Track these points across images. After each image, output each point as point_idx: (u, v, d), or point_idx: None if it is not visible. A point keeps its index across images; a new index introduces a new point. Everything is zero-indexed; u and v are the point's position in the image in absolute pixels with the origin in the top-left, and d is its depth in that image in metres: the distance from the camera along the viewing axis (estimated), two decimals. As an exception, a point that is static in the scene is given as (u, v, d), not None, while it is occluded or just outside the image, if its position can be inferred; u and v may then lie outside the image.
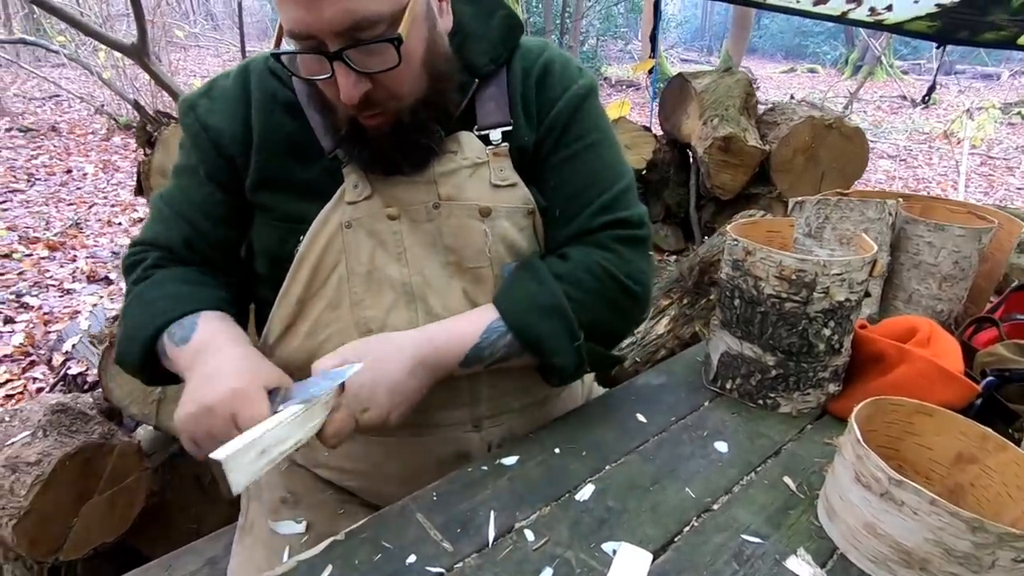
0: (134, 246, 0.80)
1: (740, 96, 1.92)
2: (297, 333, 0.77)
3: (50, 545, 1.11)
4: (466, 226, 0.75)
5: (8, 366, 2.30)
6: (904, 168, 6.51)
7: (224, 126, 0.75)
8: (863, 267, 0.80)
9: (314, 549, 0.63)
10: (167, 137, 1.24)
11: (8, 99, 7.42)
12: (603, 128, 0.81)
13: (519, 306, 0.73)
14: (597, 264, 0.75)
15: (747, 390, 0.89)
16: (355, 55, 0.62)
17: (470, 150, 0.75)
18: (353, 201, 0.73)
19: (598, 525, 0.66)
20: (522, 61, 0.79)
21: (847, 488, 0.62)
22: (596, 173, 0.79)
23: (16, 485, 1.08)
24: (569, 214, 0.78)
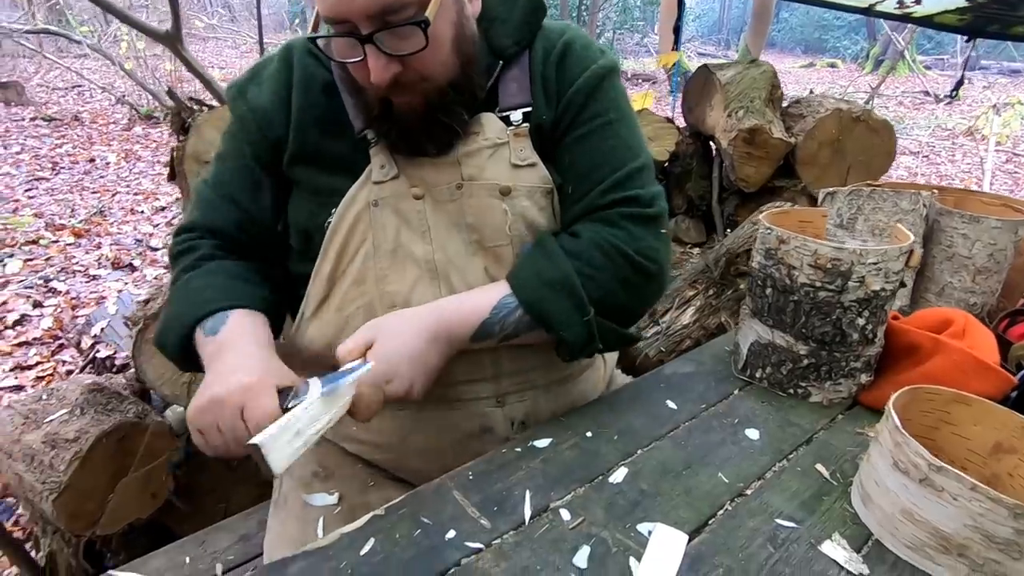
0: (182, 233, 0.82)
1: (765, 88, 1.90)
2: (329, 307, 0.80)
3: (87, 519, 1.15)
4: (487, 205, 0.76)
5: (38, 349, 2.36)
6: (926, 165, 6.40)
7: (270, 107, 0.77)
8: (899, 256, 0.79)
9: (356, 523, 0.65)
10: (200, 124, 1.26)
11: (32, 89, 7.56)
12: (621, 108, 0.81)
13: (529, 281, 0.74)
14: (607, 241, 0.75)
15: (777, 379, 0.89)
16: (386, 38, 0.64)
17: (491, 131, 0.77)
18: (380, 181, 0.76)
19: (632, 507, 0.67)
20: (543, 42, 0.80)
21: (884, 474, 0.63)
22: (610, 151, 0.78)
23: (56, 461, 1.12)
24: (580, 191, 0.78)
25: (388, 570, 0.59)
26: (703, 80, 2.04)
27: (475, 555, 0.61)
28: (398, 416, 0.82)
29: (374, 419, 0.83)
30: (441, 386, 0.79)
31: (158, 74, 6.72)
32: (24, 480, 1.14)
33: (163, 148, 5.60)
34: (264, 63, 0.81)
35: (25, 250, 3.21)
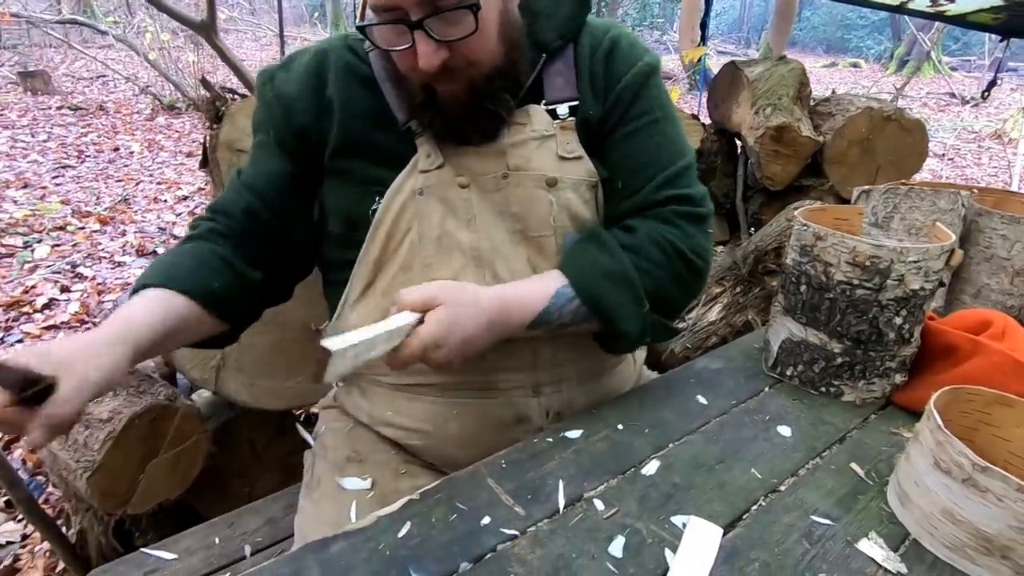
0: (203, 214, 0.84)
1: (794, 85, 1.88)
2: (375, 292, 0.81)
3: (119, 498, 1.17)
4: (533, 196, 0.77)
5: (66, 332, 2.41)
6: (951, 167, 6.29)
7: (297, 96, 0.78)
8: (940, 255, 0.78)
9: (392, 506, 0.65)
10: (234, 112, 1.28)
11: (58, 78, 7.69)
12: (666, 105, 0.83)
13: (588, 273, 0.75)
14: (663, 237, 0.77)
15: (809, 377, 0.88)
16: (435, 23, 0.64)
17: (539, 123, 0.78)
18: (426, 170, 0.76)
19: (665, 499, 0.67)
20: (589, 38, 0.81)
21: (924, 474, 0.62)
22: (659, 148, 0.80)
23: (89, 440, 1.14)
24: (632, 186, 0.80)
25: (426, 553, 0.59)
26: (730, 77, 2.03)
27: (510, 541, 0.61)
28: (436, 403, 0.83)
29: (412, 404, 0.85)
30: (479, 374, 0.80)
31: (180, 65, 6.81)
32: (58, 458, 1.17)
33: (185, 138, 5.68)
34: (299, 53, 0.82)
35: (53, 236, 3.27)
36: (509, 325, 0.73)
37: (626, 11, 13.02)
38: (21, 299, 2.60)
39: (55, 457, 1.18)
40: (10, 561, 1.42)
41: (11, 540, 1.46)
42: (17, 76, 7.29)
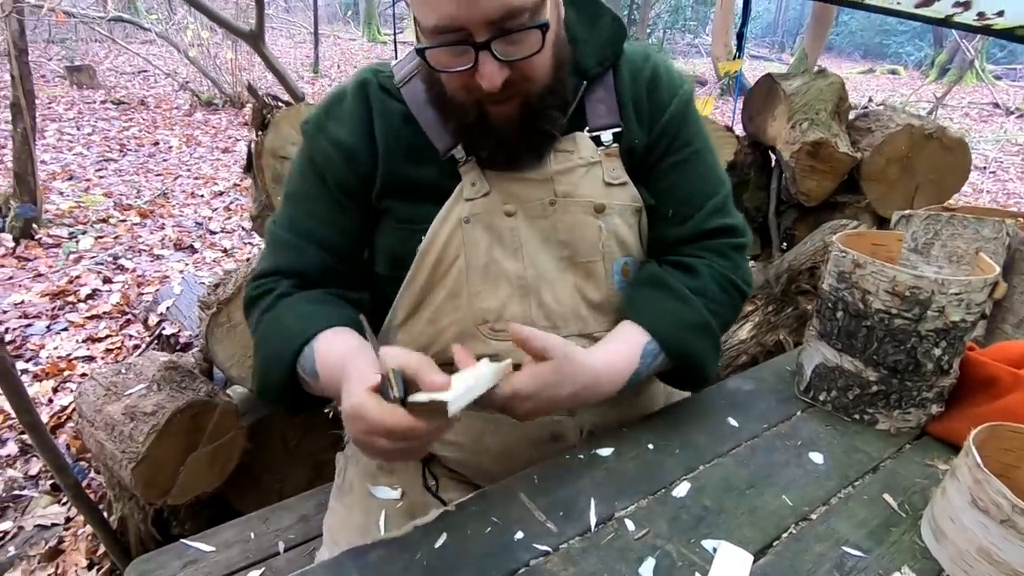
0: (258, 279, 0.81)
1: (832, 100, 1.85)
2: (420, 319, 0.81)
3: (160, 489, 1.22)
4: (581, 222, 0.79)
5: (107, 323, 2.50)
6: (993, 181, 6.09)
7: (355, 142, 0.78)
8: (983, 288, 0.77)
9: (428, 516, 0.68)
10: (279, 120, 1.32)
11: (102, 73, 7.94)
12: (705, 134, 0.86)
13: (671, 327, 0.77)
14: (723, 276, 0.82)
15: (843, 403, 0.88)
16: (500, 44, 0.64)
17: (585, 150, 0.79)
18: (471, 198, 0.77)
19: (696, 522, 0.68)
20: (629, 65, 0.82)
21: (960, 511, 0.62)
22: (704, 177, 0.84)
23: (135, 432, 1.19)
24: (682, 215, 0.82)
25: (461, 565, 0.61)
26: (766, 89, 2.01)
27: (543, 557, 0.63)
28: (474, 418, 0.85)
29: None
30: None
31: (219, 62, 6.99)
32: (105, 448, 1.22)
33: (221, 134, 5.83)
34: (337, 98, 0.81)
35: (96, 228, 3.40)
36: (598, 393, 0.74)
37: (658, 14, 12.90)
38: (66, 289, 2.71)
39: (102, 447, 1.23)
40: (55, 543, 1.49)
41: (56, 522, 1.53)
42: (64, 70, 7.57)
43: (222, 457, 1.31)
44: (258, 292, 0.79)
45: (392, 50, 12.70)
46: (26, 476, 1.69)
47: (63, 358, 2.23)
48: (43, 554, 1.45)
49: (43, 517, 1.54)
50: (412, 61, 0.80)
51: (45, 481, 1.67)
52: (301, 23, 13.61)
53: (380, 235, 0.82)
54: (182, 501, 1.26)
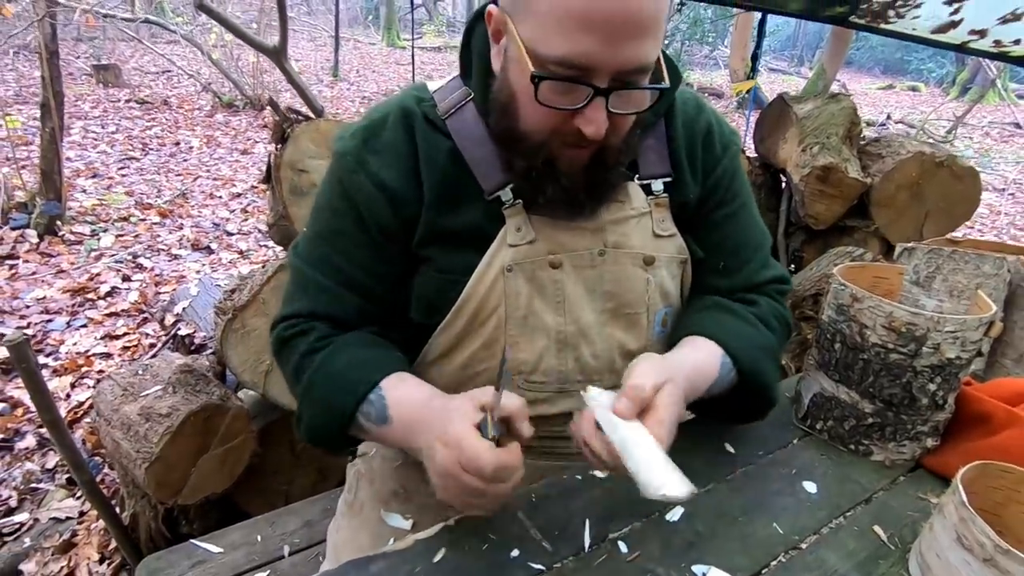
0: (288, 319, 0.77)
1: (844, 124, 1.86)
2: (452, 362, 0.80)
3: (172, 489, 1.26)
4: (630, 274, 0.78)
5: (125, 320, 2.57)
6: (1011, 203, 6.02)
7: (400, 185, 0.73)
8: (979, 327, 0.79)
9: (428, 531, 0.70)
10: (298, 135, 1.36)
11: (127, 72, 8.12)
12: (748, 186, 0.88)
13: (744, 345, 0.77)
14: (777, 311, 0.86)
15: (838, 433, 0.89)
16: (617, 96, 0.62)
17: (637, 200, 0.78)
18: (515, 244, 0.74)
19: (688, 547, 0.70)
20: (681, 115, 0.81)
21: (946, 548, 0.63)
22: (751, 230, 0.87)
23: (149, 433, 1.23)
24: (733, 267, 0.85)
25: (458, 580, 0.64)
26: (778, 112, 2.02)
27: (537, 575, 0.65)
28: None
29: None
30: (543, 440, 0.82)
31: (240, 64, 7.12)
32: (121, 447, 1.27)
33: (240, 136, 5.93)
34: (375, 125, 0.75)
35: (117, 226, 3.48)
36: (687, 399, 0.72)
37: (676, 25, 12.91)
38: (87, 286, 2.79)
39: (118, 445, 1.28)
40: (68, 536, 1.53)
41: (70, 516, 1.58)
42: (91, 68, 7.75)
43: (232, 459, 1.35)
44: (291, 333, 0.76)
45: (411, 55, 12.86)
46: (43, 469, 1.74)
47: (81, 354, 2.30)
48: (57, 546, 1.50)
49: (58, 510, 1.59)
50: (456, 91, 0.77)
51: (61, 475, 1.72)
52: (323, 27, 13.81)
53: (418, 282, 0.78)
54: (192, 501, 1.30)
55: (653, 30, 0.60)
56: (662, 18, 0.61)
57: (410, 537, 0.70)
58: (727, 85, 11.78)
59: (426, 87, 0.79)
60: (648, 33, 0.59)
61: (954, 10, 1.84)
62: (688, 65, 13.66)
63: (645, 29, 0.59)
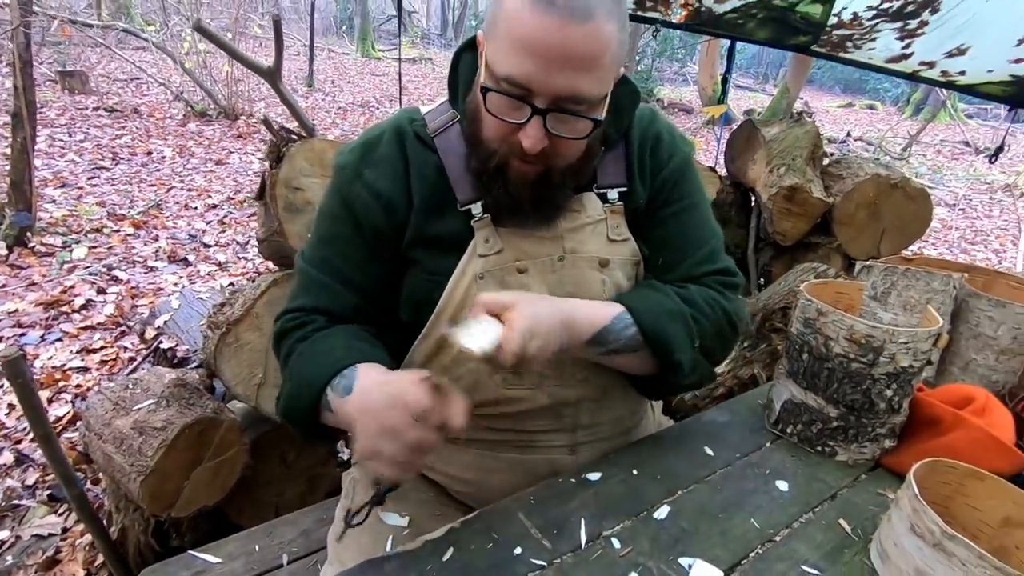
0: (290, 313, 0.84)
1: (808, 147, 1.99)
2: (435, 367, 0.86)
3: (165, 502, 1.27)
4: (587, 276, 0.85)
5: (102, 334, 2.53)
6: (962, 218, 6.37)
7: (393, 193, 0.81)
8: (928, 338, 0.88)
9: (436, 532, 0.75)
10: (293, 153, 1.40)
11: (95, 78, 7.93)
12: (700, 190, 0.94)
13: (647, 305, 0.82)
14: (710, 295, 0.87)
15: (807, 436, 0.98)
16: (554, 118, 0.70)
17: (592, 209, 0.86)
18: (485, 254, 0.82)
19: (674, 542, 0.77)
20: (638, 130, 0.89)
21: (902, 536, 0.71)
22: (696, 228, 0.91)
23: (144, 446, 1.25)
24: (672, 262, 0.90)
25: (467, 576, 0.69)
26: (747, 134, 2.14)
27: (539, 571, 0.71)
28: (481, 455, 0.92)
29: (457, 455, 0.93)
30: (524, 433, 0.89)
31: (214, 73, 7.04)
32: (113, 460, 1.27)
33: (215, 146, 5.87)
34: (371, 142, 0.84)
35: (90, 237, 3.42)
36: (575, 332, 0.77)
37: (646, 42, 13.28)
38: (60, 299, 2.73)
39: (110, 459, 1.28)
40: (52, 552, 1.52)
41: (53, 532, 1.56)
42: (56, 75, 7.55)
43: (225, 472, 1.36)
44: (291, 325, 0.83)
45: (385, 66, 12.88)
46: (24, 486, 1.71)
47: (58, 368, 2.26)
48: (40, 564, 1.48)
49: (40, 527, 1.57)
50: (445, 113, 0.85)
51: (42, 491, 1.70)
52: (295, 35, 13.73)
53: (406, 282, 0.85)
54: (185, 514, 1.31)
55: (590, 68, 0.68)
56: (600, 57, 0.68)
57: (420, 539, 0.74)
58: (696, 100, 12.14)
59: (419, 110, 0.88)
60: (584, 68, 0.67)
61: (905, 44, 2.00)
62: (658, 81, 14.04)
63: (580, 64, 0.67)
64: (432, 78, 12.54)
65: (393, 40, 17.27)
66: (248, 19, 8.05)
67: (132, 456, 1.25)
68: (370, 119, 8.04)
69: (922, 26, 2.02)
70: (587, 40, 0.66)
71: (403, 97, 5.35)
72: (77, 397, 2.13)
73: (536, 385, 0.87)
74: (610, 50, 0.68)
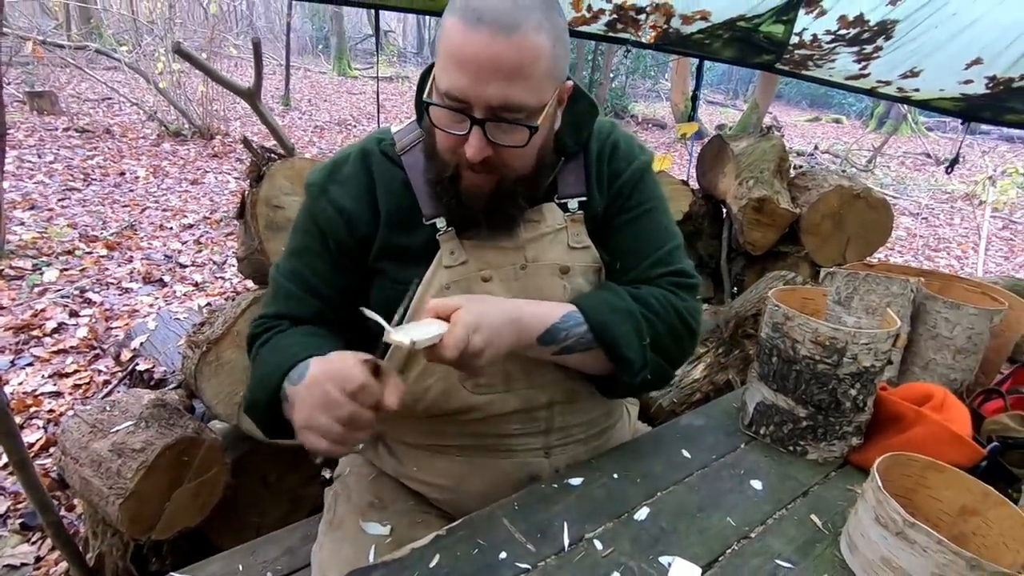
0: (261, 319, 0.89)
1: (775, 160, 2.07)
2: (407, 378, 0.88)
3: (145, 524, 1.25)
4: (549, 283, 0.89)
5: (75, 357, 2.48)
6: (925, 227, 6.61)
7: (356, 209, 0.86)
8: (888, 339, 0.93)
9: (423, 540, 0.77)
10: (273, 172, 1.41)
11: (64, 99, 7.81)
12: (658, 196, 0.97)
13: (596, 303, 0.85)
14: (663, 296, 0.89)
15: (779, 437, 1.02)
16: (493, 127, 0.74)
17: (552, 219, 0.89)
18: (450, 265, 0.85)
19: (654, 541, 0.79)
20: (597, 142, 0.93)
21: (868, 527, 0.75)
22: (652, 233, 0.94)
23: (123, 468, 1.23)
24: (628, 266, 0.93)
25: (454, 582, 0.71)
26: (717, 148, 2.22)
27: (524, 574, 0.73)
28: (457, 461, 0.94)
29: (433, 462, 0.94)
30: (497, 437, 0.91)
31: (188, 92, 7.00)
32: (91, 484, 1.25)
33: (190, 166, 5.81)
34: (339, 162, 0.89)
35: (61, 260, 3.35)
36: (525, 331, 0.80)
37: (620, 60, 13.60)
38: (31, 323, 2.67)
39: (88, 483, 1.26)
40: (24, 583, 1.47)
41: (25, 562, 1.52)
42: (24, 95, 7.42)
43: (206, 492, 1.35)
44: (260, 329, 0.88)
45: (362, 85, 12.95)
46: (-6, 515, 1.66)
47: (29, 394, 2.20)
48: (12, 595, 1.44)
49: (12, 557, 1.52)
50: (413, 131, 0.89)
51: (14, 520, 1.65)
52: (271, 55, 13.73)
53: (374, 292, 0.89)
54: (166, 536, 1.29)
55: (520, 78, 0.71)
56: (530, 67, 0.71)
57: (407, 547, 0.76)
58: (668, 116, 12.44)
59: (389, 130, 0.93)
60: (514, 78, 0.71)
61: (863, 66, 2.10)
62: (632, 98, 14.35)
63: (510, 74, 0.70)
64: (408, 96, 12.61)
65: (369, 59, 17.36)
66: (223, 39, 8.04)
67: (111, 479, 1.23)
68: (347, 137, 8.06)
69: (877, 51, 2.13)
70: (516, 52, 0.69)
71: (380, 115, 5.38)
72: (50, 422, 2.08)
73: (506, 388, 0.90)
74: (540, 60, 0.72)
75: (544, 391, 0.92)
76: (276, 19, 17.67)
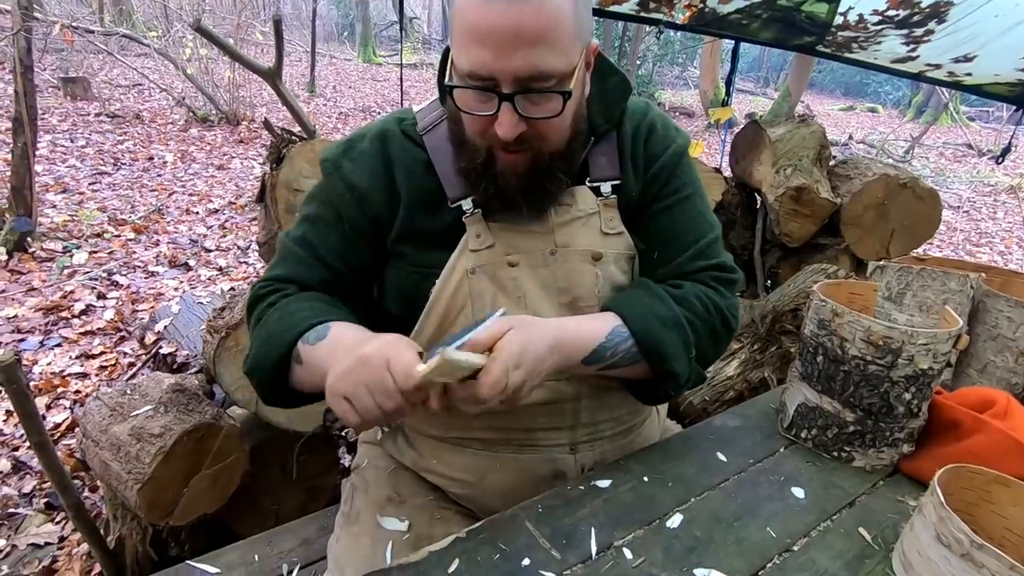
0: (265, 281, 0.85)
1: (814, 148, 1.96)
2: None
3: (163, 510, 1.25)
4: (579, 270, 0.84)
5: (101, 339, 2.51)
6: (966, 220, 6.34)
7: (369, 186, 0.82)
8: (948, 340, 0.85)
9: (442, 543, 0.73)
10: (293, 155, 1.38)
11: (97, 85, 7.95)
12: (696, 182, 0.91)
13: (642, 315, 0.80)
14: (705, 295, 0.85)
15: (822, 441, 0.95)
16: (523, 100, 0.69)
17: (584, 203, 0.84)
18: (476, 249, 0.81)
19: (688, 552, 0.74)
20: (631, 121, 0.88)
21: (927, 545, 0.68)
22: (691, 222, 0.89)
23: (141, 453, 1.22)
24: (666, 257, 0.87)
25: (474, 589, 0.66)
26: (752, 135, 2.12)
27: (549, 583, 0.68)
28: (479, 455, 0.89)
29: (455, 455, 0.90)
30: (523, 431, 0.86)
31: (216, 78, 7.06)
32: (110, 468, 1.25)
33: (216, 151, 5.86)
34: (356, 138, 0.86)
35: (91, 243, 3.40)
36: (569, 355, 0.76)
37: (647, 46, 13.28)
38: (60, 304, 2.71)
39: (107, 467, 1.26)
40: (48, 562, 1.49)
41: (49, 542, 1.54)
42: (59, 81, 7.57)
43: (224, 479, 1.33)
44: (265, 291, 0.84)
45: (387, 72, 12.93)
46: (20, 494, 1.69)
47: (56, 374, 2.23)
48: (36, 573, 1.45)
49: (37, 536, 1.54)
50: (436, 110, 0.85)
51: (39, 499, 1.67)
52: (297, 42, 13.78)
53: (392, 275, 0.86)
54: (184, 522, 1.28)
55: (545, 42, 0.66)
56: (554, 30, 0.67)
57: (424, 550, 0.72)
58: (697, 104, 12.14)
59: (410, 110, 0.88)
60: (538, 43, 0.66)
61: (911, 49, 1.98)
62: (659, 85, 14.05)
63: (533, 40, 0.66)
64: (433, 83, 12.49)
65: (395, 46, 17.33)
66: (250, 26, 8.06)
67: (129, 463, 1.22)
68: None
69: (928, 34, 2.00)
70: (537, 16, 0.65)
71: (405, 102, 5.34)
72: (76, 403, 2.11)
73: None
74: (564, 21, 0.67)
75: (572, 384, 0.87)
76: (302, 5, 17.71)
